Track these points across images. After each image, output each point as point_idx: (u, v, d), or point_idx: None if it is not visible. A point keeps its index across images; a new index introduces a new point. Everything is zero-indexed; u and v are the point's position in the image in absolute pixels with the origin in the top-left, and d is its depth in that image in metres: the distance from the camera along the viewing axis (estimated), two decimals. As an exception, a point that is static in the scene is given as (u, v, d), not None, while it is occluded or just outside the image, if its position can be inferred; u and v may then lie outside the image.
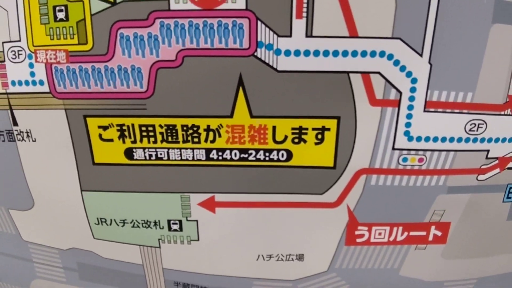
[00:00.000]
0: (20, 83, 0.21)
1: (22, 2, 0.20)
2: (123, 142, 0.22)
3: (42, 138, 0.22)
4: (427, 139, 0.21)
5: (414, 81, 0.20)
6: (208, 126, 0.21)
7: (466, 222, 0.24)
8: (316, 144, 0.21)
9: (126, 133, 0.22)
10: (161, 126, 0.21)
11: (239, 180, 0.22)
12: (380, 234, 0.24)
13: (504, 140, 0.21)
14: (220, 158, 0.22)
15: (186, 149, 0.22)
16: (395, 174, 0.22)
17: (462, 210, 0.23)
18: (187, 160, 0.22)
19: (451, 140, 0.21)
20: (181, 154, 0.22)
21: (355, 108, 0.20)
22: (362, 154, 0.21)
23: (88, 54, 0.20)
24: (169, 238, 0.24)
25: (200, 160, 0.22)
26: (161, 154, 0.22)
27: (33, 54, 0.20)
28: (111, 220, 0.24)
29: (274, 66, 0.19)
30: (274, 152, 0.22)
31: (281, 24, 0.19)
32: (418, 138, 0.21)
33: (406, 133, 0.21)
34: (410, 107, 0.21)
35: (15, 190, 0.24)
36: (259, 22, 0.19)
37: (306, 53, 0.19)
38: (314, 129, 0.21)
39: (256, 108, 0.20)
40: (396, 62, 0.20)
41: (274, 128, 0.21)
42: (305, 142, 0.21)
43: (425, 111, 0.20)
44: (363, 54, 0.19)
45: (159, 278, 0.26)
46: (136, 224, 0.24)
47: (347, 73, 0.20)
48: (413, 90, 0.20)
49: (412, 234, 0.24)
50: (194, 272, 0.26)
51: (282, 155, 0.22)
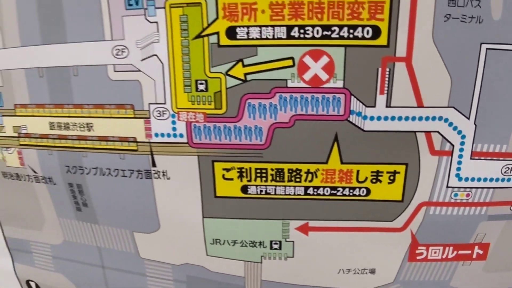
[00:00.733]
0: (162, 135, 0.28)
1: (168, 75, 0.26)
2: (241, 180, 0.28)
3: (176, 177, 0.29)
4: (473, 179, 0.27)
5: (463, 137, 0.26)
6: (308, 170, 0.27)
7: (502, 243, 0.29)
8: (388, 183, 0.27)
9: (244, 174, 0.28)
10: (272, 169, 0.27)
11: (329, 210, 0.28)
12: (435, 252, 0.30)
13: (531, 179, 0.27)
14: (315, 193, 0.28)
15: (290, 186, 0.28)
16: (448, 206, 0.28)
17: (499, 233, 0.29)
18: (289, 194, 0.28)
19: (491, 180, 0.27)
20: (285, 190, 0.28)
21: (419, 156, 0.26)
22: (423, 191, 0.27)
23: (221, 116, 0.26)
24: (270, 255, 0.30)
25: (299, 195, 0.28)
26: (269, 190, 0.28)
27: (176, 114, 0.27)
28: (224, 240, 0.30)
29: (362, 127, 0.26)
30: (357, 189, 0.28)
31: (368, 98, 0.25)
32: (466, 179, 0.27)
33: (457, 175, 0.27)
34: (460, 156, 0.27)
35: (145, 217, 0.30)
36: (352, 97, 0.25)
37: (385, 118, 0.25)
38: (388, 172, 0.27)
39: (345, 156, 0.27)
40: (450, 124, 0.26)
41: (358, 171, 0.27)
42: (380, 182, 0.27)
43: (471, 159, 0.26)
44: (427, 119, 0.25)
45: (256, 289, 0.32)
46: (244, 244, 0.30)
47: (415, 132, 0.26)
48: (462, 143, 0.26)
49: (460, 252, 0.29)
50: (287, 283, 0.31)
51: (363, 191, 0.28)
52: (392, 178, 0.27)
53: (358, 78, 0.25)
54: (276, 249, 0.30)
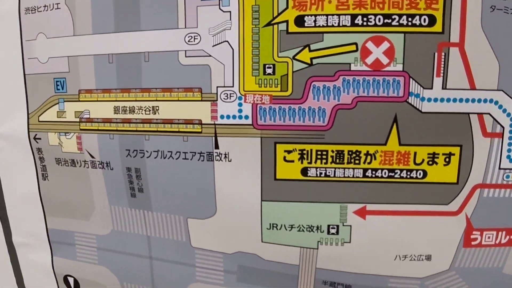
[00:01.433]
0: (228, 117, 0.32)
1: (237, 60, 0.30)
2: (301, 163, 0.32)
3: (237, 159, 0.32)
4: (525, 161, 0.31)
5: (513, 119, 0.30)
6: (367, 151, 0.31)
7: (555, 227, 0.32)
8: (444, 165, 0.31)
9: (305, 156, 0.31)
10: (332, 151, 0.31)
11: (386, 193, 0.32)
12: (489, 237, 0.33)
13: None
14: (373, 176, 0.31)
15: (349, 169, 0.31)
16: (501, 188, 0.31)
17: (551, 217, 0.32)
18: (348, 177, 0.32)
19: (541, 162, 0.31)
20: (344, 173, 0.32)
21: (473, 138, 0.30)
22: (477, 173, 0.31)
23: (287, 98, 0.31)
24: (326, 240, 0.33)
25: (358, 177, 0.32)
26: (329, 172, 0.32)
27: (242, 97, 0.31)
28: (282, 225, 0.33)
29: (420, 108, 0.30)
30: (414, 171, 0.31)
31: (425, 80, 0.29)
32: (518, 160, 0.31)
33: (508, 156, 0.31)
34: (510, 138, 0.30)
35: (202, 200, 0.34)
36: (411, 79, 0.29)
37: (442, 100, 0.29)
38: (443, 154, 0.31)
39: (403, 138, 0.30)
40: (500, 106, 0.30)
41: (415, 153, 0.31)
42: (436, 164, 0.31)
43: (522, 140, 0.30)
44: (479, 101, 0.30)
45: (311, 278, 0.34)
46: (301, 228, 0.33)
47: (468, 114, 0.30)
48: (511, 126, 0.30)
49: (513, 237, 0.32)
50: (342, 271, 0.34)
51: (420, 174, 0.31)
52: (447, 160, 0.31)
53: (416, 61, 0.29)
54: (333, 233, 0.33)
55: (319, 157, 0.32)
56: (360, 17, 0.29)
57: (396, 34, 0.29)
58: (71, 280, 0.40)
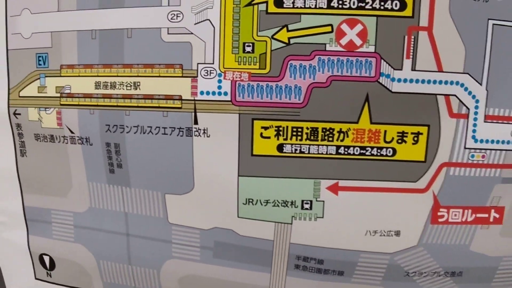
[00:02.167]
0: (208, 93, 0.35)
1: (218, 38, 0.34)
2: (277, 139, 0.35)
3: (215, 135, 0.35)
4: (487, 141, 0.35)
5: (477, 101, 0.34)
6: (340, 129, 0.35)
7: (516, 206, 0.36)
8: (413, 144, 0.35)
9: (281, 132, 0.35)
10: (307, 128, 0.35)
11: (358, 169, 0.35)
12: (455, 215, 0.36)
13: (539, 143, 0.35)
14: (346, 152, 0.35)
15: (323, 145, 0.35)
16: (466, 167, 0.35)
17: (513, 196, 0.36)
18: (322, 154, 0.35)
19: (503, 142, 0.35)
20: (318, 149, 0.35)
21: (440, 119, 0.34)
22: (444, 152, 0.35)
23: (265, 75, 0.34)
24: (300, 215, 0.36)
25: (331, 154, 0.35)
26: (304, 149, 0.35)
27: (222, 73, 0.34)
28: (257, 200, 0.36)
29: (390, 88, 0.33)
30: (384, 149, 0.35)
31: (396, 62, 0.33)
32: (481, 141, 0.35)
33: (473, 137, 0.35)
34: (475, 119, 0.35)
35: (180, 176, 0.37)
36: (382, 60, 0.33)
37: (411, 81, 0.33)
38: (412, 133, 0.35)
39: (374, 116, 0.34)
40: (465, 89, 0.34)
41: (385, 131, 0.35)
42: (405, 142, 0.35)
43: (485, 122, 0.34)
44: (446, 83, 0.34)
45: (285, 253, 0.38)
46: (276, 203, 0.36)
47: (435, 95, 0.34)
48: (476, 107, 0.34)
49: (478, 215, 0.37)
50: (315, 245, 0.37)
51: (389, 152, 0.35)
52: (415, 139, 0.35)
53: (387, 44, 0.33)
54: (307, 209, 0.36)
55: (295, 134, 0.35)
56: (335, 0, 0.33)
57: (369, 17, 0.33)
58: (47, 259, 0.43)
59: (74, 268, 0.42)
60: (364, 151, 0.35)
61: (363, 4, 0.33)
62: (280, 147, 0.36)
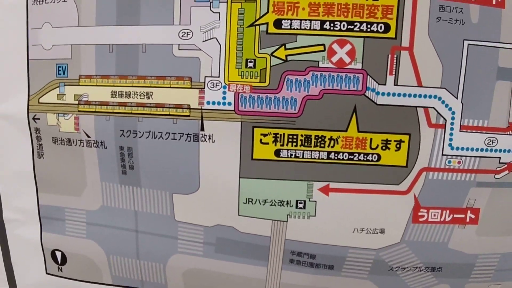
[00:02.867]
0: (213, 103, 0.42)
1: (223, 54, 0.40)
2: (275, 145, 0.42)
3: (220, 140, 0.42)
4: (463, 149, 0.42)
5: (453, 113, 0.41)
6: (331, 136, 0.41)
7: (490, 208, 0.43)
8: (395, 150, 0.42)
9: (278, 139, 0.42)
10: (301, 136, 0.41)
11: (346, 173, 0.42)
12: (434, 215, 0.43)
13: (509, 151, 0.42)
14: (336, 158, 0.42)
15: (315, 151, 0.42)
16: (444, 172, 0.42)
17: (487, 199, 0.43)
18: (315, 158, 0.42)
19: (477, 150, 0.42)
20: (311, 155, 0.42)
21: (420, 128, 0.41)
22: (423, 158, 0.42)
23: (264, 88, 0.41)
24: (295, 214, 0.43)
25: (323, 159, 0.42)
26: (298, 154, 0.42)
27: (227, 86, 0.41)
28: (256, 200, 0.43)
29: (375, 101, 0.40)
30: (370, 155, 0.42)
31: (380, 77, 0.40)
32: (457, 148, 0.42)
33: (450, 145, 0.42)
34: (452, 129, 0.41)
35: (187, 177, 0.43)
36: (368, 76, 0.40)
37: (394, 94, 0.40)
38: (395, 141, 0.42)
39: (361, 126, 0.41)
40: (443, 102, 0.41)
41: (371, 139, 0.41)
42: (389, 149, 0.42)
43: (460, 131, 0.41)
44: (425, 96, 0.40)
45: (280, 248, 0.44)
46: (273, 203, 0.43)
47: (416, 107, 0.41)
48: (453, 118, 0.41)
49: (455, 216, 0.43)
50: (308, 241, 0.44)
51: (375, 157, 0.42)
52: (398, 146, 0.41)
53: (373, 61, 0.40)
54: (301, 208, 0.43)
55: (290, 140, 0.42)
56: (328, 22, 0.40)
57: (357, 38, 0.40)
58: (59, 254, 0.49)
59: (85, 262, 0.49)
60: (352, 157, 0.42)
61: (352, 26, 0.40)
62: (277, 152, 0.42)
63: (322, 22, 0.40)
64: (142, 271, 0.48)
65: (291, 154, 0.42)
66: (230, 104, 0.42)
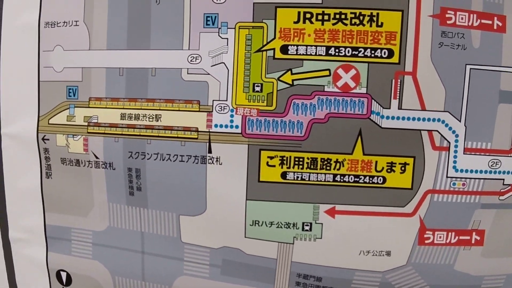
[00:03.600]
0: (221, 126, 0.45)
1: (231, 78, 0.44)
2: (281, 167, 0.45)
3: (227, 162, 0.46)
4: (467, 171, 0.45)
5: (457, 136, 0.45)
6: (337, 159, 0.45)
7: (495, 230, 0.46)
8: (400, 173, 0.45)
9: (285, 161, 0.45)
10: (308, 158, 0.45)
11: (352, 195, 0.46)
12: (440, 237, 0.46)
13: (512, 173, 0.45)
14: (341, 180, 0.45)
15: (321, 173, 0.45)
16: (448, 194, 0.46)
17: (491, 220, 0.46)
18: (321, 181, 0.46)
19: (481, 172, 0.45)
20: (317, 177, 0.45)
21: (424, 151, 0.45)
22: (428, 180, 0.45)
23: (271, 112, 0.45)
24: (301, 236, 0.46)
25: (328, 181, 0.46)
26: (304, 176, 0.45)
27: (234, 109, 0.45)
28: (263, 222, 0.46)
29: (380, 124, 0.44)
30: (375, 177, 0.45)
31: (385, 101, 0.44)
32: (461, 170, 0.45)
33: (454, 167, 0.45)
34: (456, 151, 0.45)
35: (194, 199, 0.47)
36: (373, 100, 0.44)
37: (398, 118, 0.44)
38: (400, 163, 0.45)
39: (367, 149, 0.45)
40: (446, 125, 0.44)
41: (376, 162, 0.45)
42: (394, 171, 0.45)
43: (464, 154, 0.45)
44: (428, 120, 0.44)
45: (287, 270, 0.47)
46: (280, 225, 0.46)
47: (420, 130, 0.44)
48: (456, 141, 0.45)
49: (461, 238, 0.47)
50: (314, 264, 0.47)
51: (380, 180, 0.45)
52: (403, 168, 0.45)
53: (377, 86, 0.44)
54: (307, 230, 0.46)
55: (297, 163, 0.46)
56: (333, 48, 0.44)
57: (361, 63, 0.44)
58: (64, 274, 0.52)
59: (90, 283, 0.52)
60: (357, 179, 0.46)
61: (357, 52, 0.44)
62: (283, 175, 0.46)
63: (327, 48, 0.44)
64: (148, 293, 0.52)
65: (298, 177, 0.46)
66: (237, 127, 0.45)
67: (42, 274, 0.54)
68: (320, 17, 0.43)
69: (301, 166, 0.46)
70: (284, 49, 0.44)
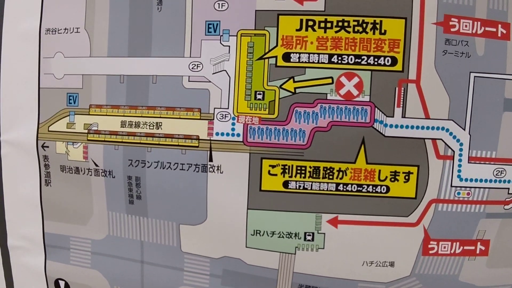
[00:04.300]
0: (222, 134, 0.45)
1: (233, 86, 0.44)
2: (283, 176, 0.45)
3: (228, 171, 0.45)
4: (471, 180, 0.45)
5: (461, 144, 0.44)
6: (339, 168, 0.44)
7: (500, 240, 0.46)
8: (404, 182, 0.45)
9: (287, 170, 0.45)
10: (310, 167, 0.45)
11: (355, 205, 0.45)
12: (444, 247, 0.46)
13: (518, 181, 0.45)
14: (344, 189, 0.45)
15: (323, 183, 0.45)
16: (453, 203, 0.45)
17: (496, 230, 0.45)
18: (323, 190, 0.45)
19: (486, 181, 0.45)
20: (319, 186, 0.45)
21: (428, 160, 0.44)
22: (432, 189, 0.45)
23: (273, 120, 0.44)
24: (303, 246, 0.46)
25: (331, 190, 0.45)
26: (307, 185, 0.45)
27: (236, 117, 0.44)
28: (264, 231, 0.46)
29: (383, 133, 0.44)
30: (379, 186, 0.45)
31: (388, 110, 0.43)
32: (466, 179, 0.45)
33: (458, 176, 0.45)
34: (460, 160, 0.45)
35: (195, 208, 0.46)
36: (376, 108, 0.43)
37: (401, 126, 0.44)
38: (403, 172, 0.45)
39: (370, 157, 0.44)
40: (450, 133, 0.44)
41: (379, 171, 0.45)
42: (398, 181, 0.45)
43: (469, 163, 0.44)
44: (432, 128, 0.44)
45: (288, 281, 0.47)
46: (281, 235, 0.46)
47: (424, 139, 0.44)
48: (461, 150, 0.44)
49: (465, 248, 0.46)
50: (316, 275, 0.46)
51: (383, 189, 0.45)
52: (407, 177, 0.45)
53: (380, 94, 0.43)
54: (309, 240, 0.46)
55: (299, 172, 0.45)
56: (336, 56, 0.43)
57: (364, 71, 0.43)
58: (62, 283, 0.52)
59: (89, 293, 0.52)
60: (361, 188, 0.45)
61: (359, 60, 0.43)
62: (285, 184, 0.45)
63: (330, 56, 0.43)
64: (147, 303, 0.51)
65: (300, 186, 0.45)
66: (239, 135, 0.45)
67: (40, 283, 0.53)
68: (322, 24, 0.43)
69: (303, 175, 0.45)
70: (286, 56, 0.44)
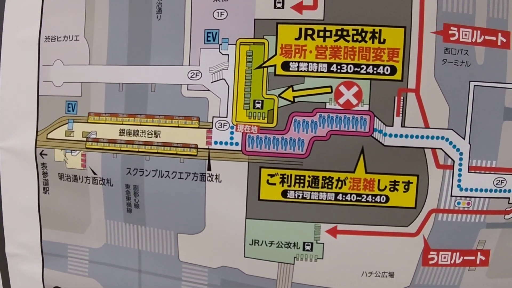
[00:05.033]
0: (220, 143, 0.45)
1: (232, 95, 0.44)
2: (282, 185, 0.45)
3: (227, 180, 0.45)
4: (471, 190, 0.44)
5: (461, 154, 0.44)
6: (338, 178, 0.44)
7: (500, 249, 0.45)
8: (404, 192, 0.44)
9: (286, 180, 0.44)
10: (309, 177, 0.44)
11: (354, 215, 0.45)
12: (444, 258, 0.46)
13: (519, 191, 0.45)
14: (343, 199, 0.45)
15: (322, 192, 0.44)
16: (453, 213, 0.45)
17: (497, 240, 0.45)
18: (322, 200, 0.45)
19: (486, 190, 0.44)
20: (318, 196, 0.45)
21: (428, 169, 0.44)
22: (432, 199, 0.45)
23: (272, 129, 0.44)
24: (302, 256, 0.45)
25: (330, 200, 0.45)
26: (305, 195, 0.45)
27: (234, 126, 0.44)
28: (263, 241, 0.45)
29: (382, 142, 0.43)
30: (378, 196, 0.45)
31: (387, 119, 0.43)
32: (466, 189, 0.44)
33: (458, 185, 0.44)
34: (460, 170, 0.44)
35: (193, 217, 0.46)
36: (375, 118, 0.43)
37: (401, 136, 0.43)
38: (403, 182, 0.44)
39: (369, 167, 0.44)
40: (450, 143, 0.44)
41: (379, 180, 0.44)
42: (397, 190, 0.44)
43: (469, 172, 0.44)
44: (432, 137, 0.44)
45: (287, 291, 0.46)
46: (280, 244, 0.45)
47: (423, 148, 0.43)
48: (461, 159, 0.44)
49: (465, 258, 0.46)
50: (315, 285, 0.46)
51: (383, 199, 0.44)
52: (406, 187, 0.44)
53: (380, 103, 0.43)
54: (308, 250, 0.45)
55: (298, 181, 0.45)
56: (335, 65, 0.43)
57: (364, 80, 0.43)
58: (60, 292, 0.52)
59: (86, 302, 0.51)
60: (360, 198, 0.45)
61: (359, 69, 0.43)
62: (284, 193, 0.45)
63: (329, 65, 0.43)
64: (145, 312, 0.51)
65: (298, 195, 0.45)
66: (237, 144, 0.45)
67: (38, 291, 0.53)
68: (321, 33, 0.43)
69: (302, 185, 0.45)
70: (285, 65, 0.44)
